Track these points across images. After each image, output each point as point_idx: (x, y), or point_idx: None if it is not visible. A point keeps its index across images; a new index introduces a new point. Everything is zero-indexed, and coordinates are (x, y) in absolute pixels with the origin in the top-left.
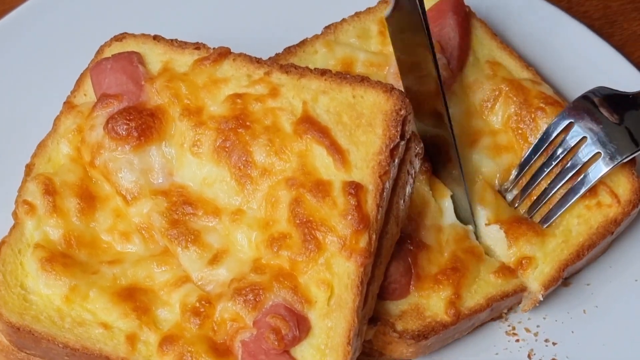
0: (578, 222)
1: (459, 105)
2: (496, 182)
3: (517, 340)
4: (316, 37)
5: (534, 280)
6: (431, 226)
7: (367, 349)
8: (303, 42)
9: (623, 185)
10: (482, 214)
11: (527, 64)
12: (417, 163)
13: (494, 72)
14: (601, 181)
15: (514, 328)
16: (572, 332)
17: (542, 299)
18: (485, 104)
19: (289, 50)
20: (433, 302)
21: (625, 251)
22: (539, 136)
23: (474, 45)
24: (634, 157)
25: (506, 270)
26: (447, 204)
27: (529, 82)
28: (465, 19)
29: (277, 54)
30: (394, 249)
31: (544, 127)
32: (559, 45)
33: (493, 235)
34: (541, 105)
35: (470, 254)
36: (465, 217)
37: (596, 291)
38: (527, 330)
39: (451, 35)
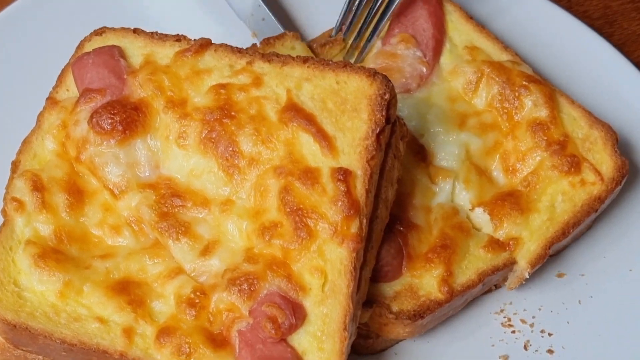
0: (562, 199)
1: (440, 95)
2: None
3: (513, 332)
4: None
5: (521, 258)
6: (420, 206)
7: (363, 331)
8: (281, 36)
9: (606, 163)
10: (466, 198)
11: (505, 45)
12: (402, 146)
13: (473, 57)
14: (584, 158)
15: (509, 319)
16: (568, 322)
17: (527, 276)
18: (469, 86)
19: (267, 42)
20: (426, 281)
21: (619, 241)
22: None
23: (450, 31)
24: (616, 135)
25: (495, 244)
26: (445, 187)
27: (510, 63)
28: (438, 6)
29: (253, 44)
30: (384, 232)
31: (528, 104)
32: (558, 44)
33: (479, 219)
34: (524, 83)
35: (459, 229)
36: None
37: (591, 281)
38: (523, 321)
39: (425, 27)
